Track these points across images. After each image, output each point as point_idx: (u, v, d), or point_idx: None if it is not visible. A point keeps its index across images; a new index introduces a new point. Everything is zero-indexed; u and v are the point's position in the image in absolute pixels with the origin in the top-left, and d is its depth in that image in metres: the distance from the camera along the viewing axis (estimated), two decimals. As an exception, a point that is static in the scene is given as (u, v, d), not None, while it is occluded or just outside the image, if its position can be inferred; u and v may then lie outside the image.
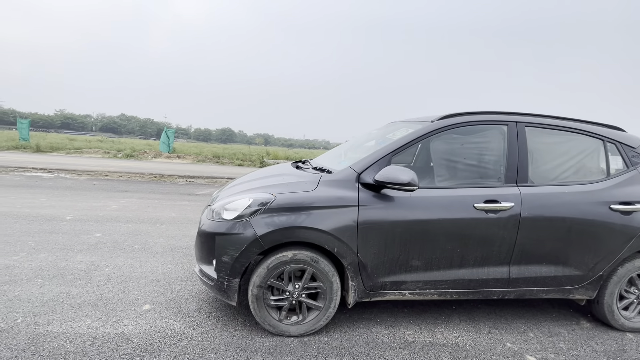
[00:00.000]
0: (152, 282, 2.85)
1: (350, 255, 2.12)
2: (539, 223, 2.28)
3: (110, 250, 3.52)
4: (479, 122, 2.42)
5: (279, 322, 2.16)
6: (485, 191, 2.27)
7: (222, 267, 2.11)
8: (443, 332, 2.37)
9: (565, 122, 2.55)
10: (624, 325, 2.51)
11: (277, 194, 2.14)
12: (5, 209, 4.83)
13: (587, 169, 2.50)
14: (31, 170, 9.41)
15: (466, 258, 2.26)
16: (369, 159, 2.25)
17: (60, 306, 2.37)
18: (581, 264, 2.38)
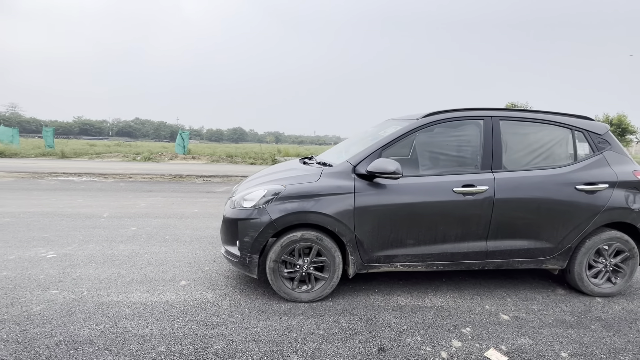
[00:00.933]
0: (185, 264, 3.37)
1: (349, 234, 2.56)
2: (511, 203, 2.66)
3: (145, 240, 4.07)
4: (458, 118, 2.80)
5: (292, 291, 2.63)
6: (464, 177, 2.66)
7: (244, 246, 2.59)
8: (431, 298, 2.79)
9: (536, 114, 2.90)
10: (593, 291, 2.86)
11: (287, 185, 2.60)
12: (51, 209, 5.48)
13: (556, 155, 2.85)
14: (62, 175, 10.20)
15: (448, 234, 2.66)
16: (363, 153, 2.68)
17: (114, 283, 2.91)
18: (551, 237, 2.75)
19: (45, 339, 2.10)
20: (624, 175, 2.79)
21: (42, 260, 3.35)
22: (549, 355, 2.09)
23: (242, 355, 2.00)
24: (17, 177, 9.36)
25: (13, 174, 9.93)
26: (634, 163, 2.93)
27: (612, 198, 2.74)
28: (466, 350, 2.12)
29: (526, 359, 2.05)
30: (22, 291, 2.70)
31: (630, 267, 2.86)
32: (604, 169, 2.80)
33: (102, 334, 2.18)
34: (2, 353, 1.95)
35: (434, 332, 2.29)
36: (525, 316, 2.55)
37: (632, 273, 2.87)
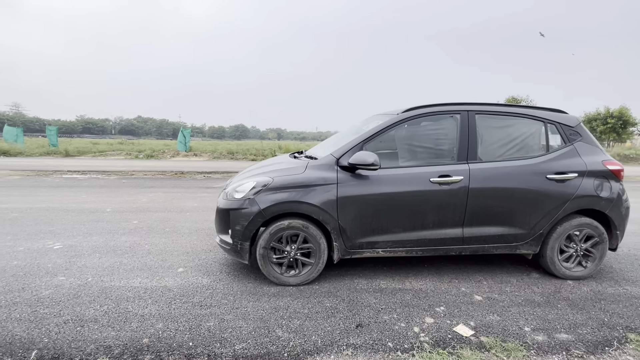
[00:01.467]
0: (182, 253, 3.58)
1: (333, 222, 2.75)
2: (485, 192, 2.84)
3: (146, 232, 4.29)
4: (436, 112, 2.97)
5: (280, 275, 2.83)
6: (440, 168, 2.84)
7: (235, 234, 2.79)
8: (412, 281, 2.98)
9: (510, 108, 3.06)
10: (565, 274, 3.04)
11: (275, 177, 2.79)
12: (56, 205, 5.72)
13: (529, 147, 3.02)
14: (67, 173, 10.46)
15: (426, 222, 2.85)
16: (346, 147, 2.86)
17: (117, 270, 3.13)
18: (524, 224, 2.92)
19: (54, 318, 2.32)
20: (593, 165, 2.96)
21: (49, 251, 3.57)
22: (512, 329, 2.28)
23: (232, 331, 2.21)
24: (23, 175, 9.63)
25: (19, 172, 10.20)
26: (604, 153, 3.09)
27: (582, 186, 2.90)
28: (437, 325, 2.31)
29: (491, 332, 2.24)
30: (32, 278, 2.92)
31: (600, 252, 3.03)
32: (574, 159, 2.97)
33: (105, 313, 2.39)
34: (16, 330, 2.17)
35: (409, 311, 2.49)
36: (497, 297, 2.73)
37: (601, 257, 3.04)
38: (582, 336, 2.23)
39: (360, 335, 2.20)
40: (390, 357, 2.00)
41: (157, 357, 1.96)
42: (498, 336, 2.21)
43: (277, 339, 2.14)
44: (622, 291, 2.87)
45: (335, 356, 2.00)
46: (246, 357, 1.97)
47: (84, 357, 1.95)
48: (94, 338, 2.11)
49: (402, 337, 2.18)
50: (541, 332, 2.26)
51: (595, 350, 2.10)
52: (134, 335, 2.15)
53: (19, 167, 11.67)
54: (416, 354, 2.03)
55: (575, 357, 2.03)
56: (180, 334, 2.17)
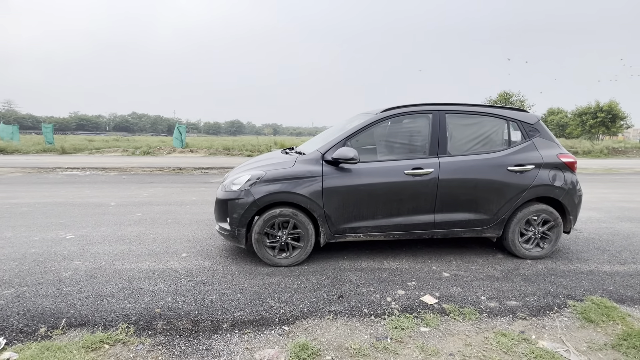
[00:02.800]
0: (185, 241, 3.95)
1: (319, 210, 3.13)
2: (453, 182, 3.23)
3: (150, 223, 4.64)
4: (411, 112, 3.34)
5: (273, 257, 3.21)
6: (414, 162, 3.22)
7: (233, 221, 3.15)
8: (390, 262, 3.37)
9: (477, 108, 3.44)
10: (525, 254, 3.45)
11: (267, 171, 3.15)
12: (62, 200, 6.04)
13: (493, 142, 3.40)
14: (66, 170, 10.73)
15: (402, 209, 3.23)
16: (330, 143, 3.23)
17: (127, 256, 3.49)
18: (488, 210, 3.32)
19: (77, 294, 2.68)
20: (548, 157, 3.35)
21: (63, 240, 3.92)
22: (470, 299, 2.69)
23: (232, 302, 2.59)
24: (24, 173, 9.89)
25: (20, 170, 10.45)
26: (560, 147, 3.49)
27: (538, 177, 3.30)
28: (407, 296, 2.71)
29: (452, 301, 2.64)
30: (51, 263, 3.27)
31: (555, 234, 3.44)
32: (532, 152, 3.36)
33: (121, 290, 2.76)
34: (45, 304, 2.53)
35: (385, 285, 2.88)
36: (463, 274, 3.14)
37: (557, 239, 3.45)
38: (528, 303, 2.64)
39: (341, 304, 2.59)
40: (364, 320, 2.39)
41: (168, 323, 2.33)
42: (457, 304, 2.61)
43: (270, 308, 2.52)
44: (572, 268, 3.29)
45: (318, 320, 2.39)
46: (243, 322, 2.35)
47: (106, 323, 2.31)
48: (113, 309, 2.48)
49: (376, 305, 2.57)
50: (494, 300, 2.66)
51: (537, 314, 2.51)
52: (147, 307, 2.52)
53: (18, 164, 11.90)
54: (387, 317, 2.42)
55: (519, 319, 2.44)
56: (187, 305, 2.55)
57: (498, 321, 2.40)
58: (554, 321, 2.42)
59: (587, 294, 2.78)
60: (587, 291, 2.83)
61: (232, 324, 2.33)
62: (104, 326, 2.28)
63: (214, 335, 2.22)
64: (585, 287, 2.91)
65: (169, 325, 2.31)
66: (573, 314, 2.50)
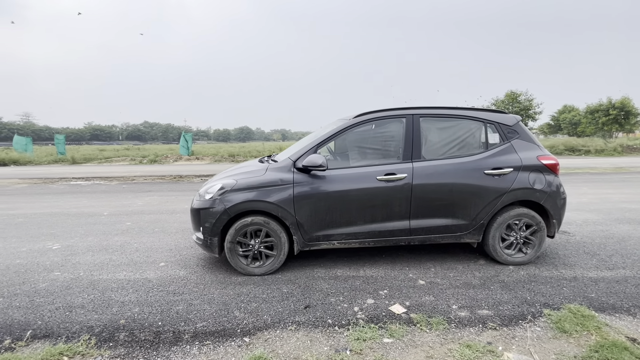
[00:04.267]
0: (167, 250, 3.97)
1: (291, 218, 3.10)
2: (427, 187, 3.16)
3: (137, 233, 4.70)
4: (384, 117, 3.30)
5: (246, 266, 3.19)
6: (386, 167, 3.17)
7: (206, 231, 3.16)
8: (366, 270, 3.31)
9: (453, 111, 3.37)
10: (507, 260, 3.34)
11: (238, 179, 3.15)
12: (58, 210, 6.18)
13: (470, 145, 3.32)
14: (72, 180, 11.00)
15: (375, 216, 3.18)
16: (302, 151, 3.21)
17: (106, 266, 3.53)
18: (465, 215, 3.23)
19: (48, 305, 2.72)
20: (528, 160, 3.25)
21: (48, 251, 4.00)
22: (441, 308, 2.61)
23: (197, 313, 2.58)
24: (30, 183, 10.18)
25: (27, 181, 10.77)
26: (541, 149, 3.38)
27: (517, 180, 3.20)
28: (375, 305, 2.65)
29: (421, 310, 2.57)
30: (32, 274, 3.34)
31: (538, 239, 3.32)
32: (511, 155, 3.26)
33: (91, 301, 2.78)
34: (15, 315, 2.57)
35: (355, 294, 2.83)
36: (439, 281, 3.05)
37: (540, 244, 3.33)
38: (501, 312, 2.54)
39: (306, 314, 2.54)
40: (327, 331, 2.34)
41: (131, 334, 2.33)
42: (426, 313, 2.53)
43: (234, 319, 2.50)
44: (555, 274, 3.17)
45: (280, 331, 2.35)
46: (205, 333, 2.34)
47: (70, 334, 2.33)
48: (79, 320, 2.50)
49: (341, 315, 2.52)
50: (465, 309, 2.58)
51: (509, 323, 2.41)
52: (113, 318, 2.53)
53: (27, 175, 12.27)
54: (351, 328, 2.37)
55: (489, 329, 2.35)
56: (152, 316, 2.55)
57: (466, 331, 2.32)
58: (526, 331, 2.32)
59: (565, 301, 2.67)
60: (566, 299, 2.71)
61: (194, 335, 2.32)
62: (66, 338, 2.30)
63: (174, 347, 2.21)
64: (565, 294, 2.79)
65: (131, 336, 2.31)
66: (547, 324, 2.40)
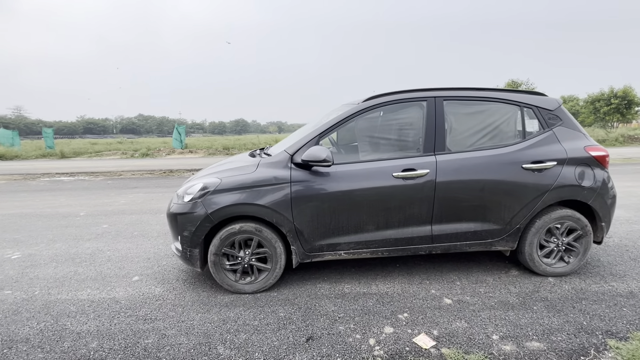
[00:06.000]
0: (143, 259, 3.40)
1: (288, 224, 2.54)
2: (454, 185, 2.60)
3: (113, 237, 4.12)
4: (400, 100, 2.72)
5: (235, 283, 2.64)
6: (404, 161, 2.60)
7: (184, 241, 2.59)
8: (378, 284, 2.77)
9: (483, 92, 2.79)
10: (545, 271, 2.81)
11: (223, 178, 2.57)
12: (31, 210, 5.57)
13: (503, 134, 2.76)
14: (55, 175, 10.34)
15: (391, 220, 2.62)
16: (301, 142, 2.63)
17: (68, 281, 2.95)
18: (498, 219, 2.68)
19: (-16, 339, 2.15)
20: (574, 151, 2.70)
21: (5, 262, 3.41)
22: (479, 338, 2.07)
23: (170, 349, 2.02)
24: (9, 180, 9.52)
25: (6, 177, 10.10)
26: (588, 138, 2.83)
27: (561, 175, 2.65)
28: (396, 336, 2.11)
29: (454, 342, 2.03)
30: (-24, 293, 2.76)
31: (583, 246, 2.79)
32: (553, 145, 2.70)
33: (40, 332, 2.22)
34: (-62, 354, 2.00)
35: (369, 319, 2.28)
36: (468, 299, 2.52)
37: (585, 251, 2.80)
38: (555, 344, 2.01)
39: (309, 350, 2.00)
40: (336, 376, 1.81)
41: (80, 383, 1.78)
42: (461, 347, 2.00)
43: (217, 358, 1.95)
44: (607, 288, 2.64)
45: (275, 376, 1.81)
46: (178, 380, 1.79)
47: (-1, 385, 1.78)
48: (17, 362, 1.94)
49: (354, 352, 1.98)
50: (510, 341, 2.04)
51: (568, 361, 1.89)
52: (62, 357, 1.97)
53: (8, 171, 11.57)
54: (366, 371, 1.83)
55: (544, 370, 1.82)
56: (112, 354, 1.99)
57: (516, 374, 1.79)
58: (593, 374, 1.80)
59: (632, 328, 2.14)
60: (632, 324, 2.19)
61: (163, 383, 1.77)
62: (-5, 390, 1.74)
63: (135, 402, 1.66)
64: (629, 317, 2.26)
65: (81, 386, 1.76)
66: (617, 361, 1.87)
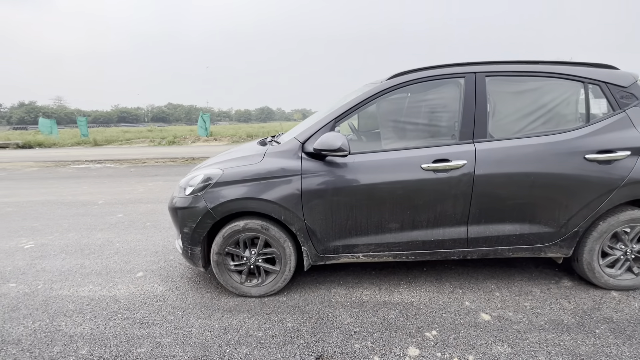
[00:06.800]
0: (151, 253, 3.24)
1: (298, 222, 2.22)
2: (497, 179, 2.16)
3: (125, 228, 4.01)
4: (432, 77, 2.27)
5: (240, 285, 2.38)
6: (435, 150, 2.18)
7: (185, 238, 2.35)
8: (402, 292, 2.41)
9: (535, 66, 2.29)
10: (607, 283, 2.33)
11: (225, 169, 2.28)
12: (53, 197, 5.65)
13: (561, 117, 2.25)
14: (84, 163, 10.67)
15: (418, 219, 2.23)
16: (313, 128, 2.28)
17: (73, 275, 2.83)
18: (551, 220, 2.22)
19: (-24, 338, 2.04)
20: (655, 138, 2.15)
21: (18, 251, 3.37)
22: (527, 370, 1.68)
23: (163, 362, 1.80)
24: (41, 167, 9.91)
25: (40, 164, 10.54)
26: (673, 122, 2.25)
27: (636, 169, 2.13)
28: (422, 360, 1.76)
29: (496, 374, 1.66)
30: (-17, 284, 2.70)
31: (659, 255, 2.27)
32: (627, 131, 2.17)
33: (33, 332, 2.07)
34: None
35: (390, 336, 1.95)
36: (512, 316, 2.11)
37: (661, 261, 2.28)
38: (629, 384, 1.58)
39: (318, 373, 1.70)
40: (349, 410, 1.50)
41: (62, 399, 1.59)
42: (505, 380, 1.62)
43: (211, 376, 1.70)
44: (690, 309, 2.13)
45: (276, 405, 1.53)
46: (166, 403, 1.55)
47: (-21, 395, 1.62)
48: (3, 368, 1.79)
49: (371, 379, 1.66)
50: (568, 376, 1.64)
51: (649, 409, 1.46)
52: (48, 365, 1.80)
53: (43, 158, 12.11)
54: (386, 405, 1.51)
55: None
56: (101, 364, 1.80)
57: None
58: None
59: None
60: None
61: (150, 404, 1.54)
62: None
63: None
64: None
65: (62, 402, 1.57)
66: None
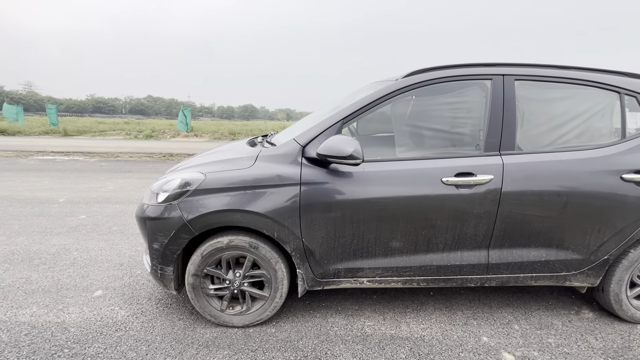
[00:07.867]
0: (114, 265, 2.77)
1: (294, 240, 1.86)
2: (526, 198, 1.88)
3: (87, 232, 3.49)
4: (455, 77, 1.98)
5: (220, 312, 1.98)
6: (458, 162, 1.88)
7: (154, 255, 1.93)
8: (410, 323, 2.09)
9: (568, 72, 2.04)
10: (634, 316, 2.11)
11: (208, 173, 1.89)
12: (7, 193, 4.98)
13: (595, 130, 2.01)
14: (49, 154, 9.80)
15: (434, 241, 1.92)
16: (316, 129, 1.92)
17: (14, 292, 2.34)
18: (581, 246, 1.97)
19: None
20: (696, 159, 1.95)
21: (-51, 259, 2.81)
22: None
23: (116, 422, 1.39)
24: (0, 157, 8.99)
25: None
26: None
27: (675, 192, 1.91)
28: (445, 420, 1.44)
29: None
30: None
31: (690, 286, 2.07)
32: (666, 149, 1.95)
33: (-54, 376, 1.60)
34: None
35: (402, 384, 1.62)
36: (537, 356, 1.83)
37: (692, 294, 2.08)
38: None
39: None
40: None
41: None
42: None
43: None
44: None
45: None
46: None
47: None
48: None
49: None
50: None
51: None
52: None
53: (3, 147, 11.07)
54: None
55: None
56: None
57: None
58: None
59: None
60: None
61: None
62: None
63: None
64: None
65: None
66: None
